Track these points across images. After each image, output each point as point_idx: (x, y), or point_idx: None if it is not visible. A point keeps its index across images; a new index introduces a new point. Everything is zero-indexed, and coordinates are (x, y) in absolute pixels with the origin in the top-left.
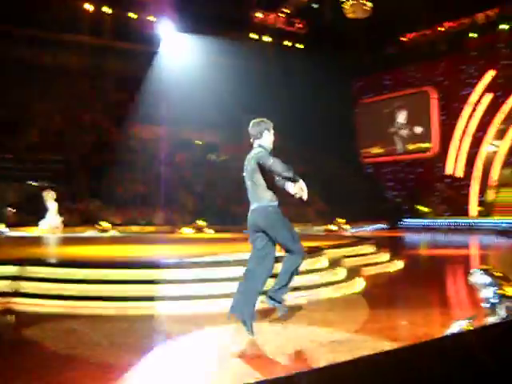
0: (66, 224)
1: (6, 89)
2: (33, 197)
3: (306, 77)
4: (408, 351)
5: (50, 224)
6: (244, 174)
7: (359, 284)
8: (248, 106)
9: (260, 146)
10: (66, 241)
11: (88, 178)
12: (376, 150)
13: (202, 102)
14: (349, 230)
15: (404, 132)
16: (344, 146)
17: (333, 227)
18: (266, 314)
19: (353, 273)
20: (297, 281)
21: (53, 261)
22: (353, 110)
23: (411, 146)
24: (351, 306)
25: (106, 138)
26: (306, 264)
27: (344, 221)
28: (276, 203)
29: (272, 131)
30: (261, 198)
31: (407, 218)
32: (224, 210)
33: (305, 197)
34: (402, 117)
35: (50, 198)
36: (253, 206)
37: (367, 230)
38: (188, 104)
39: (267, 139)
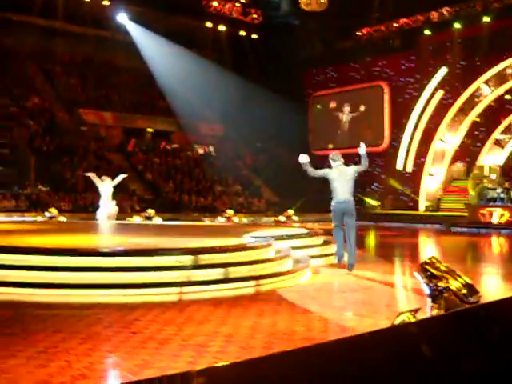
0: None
1: None
2: None
3: (259, 67)
4: (350, 342)
5: (108, 212)
6: (334, 177)
7: (304, 275)
8: (201, 94)
9: (341, 163)
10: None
11: (36, 163)
12: (326, 143)
13: (155, 89)
14: (298, 222)
15: (355, 126)
16: (296, 137)
17: (282, 218)
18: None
19: (299, 264)
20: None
21: None
22: (305, 102)
23: (362, 141)
24: (296, 298)
25: (54, 122)
26: (252, 254)
27: (293, 212)
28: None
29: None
30: (351, 194)
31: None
32: (174, 198)
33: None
34: (353, 111)
35: (104, 184)
36: (345, 198)
37: (316, 221)
38: (140, 91)
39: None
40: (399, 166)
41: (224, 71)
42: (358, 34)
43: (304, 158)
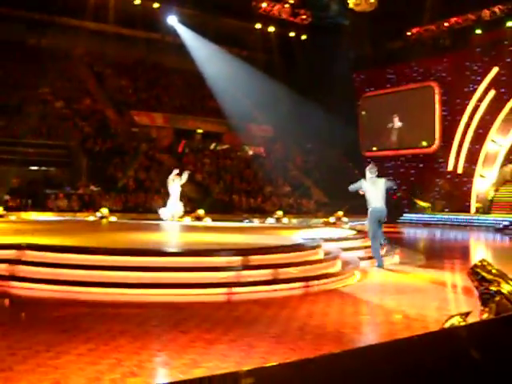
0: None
1: (8, 72)
2: (33, 181)
3: (308, 68)
4: (398, 345)
5: (172, 212)
6: (368, 188)
7: (353, 276)
8: (251, 95)
9: (376, 176)
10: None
11: (88, 164)
12: (377, 144)
13: (205, 90)
14: (347, 223)
15: (405, 127)
16: (346, 138)
17: (331, 219)
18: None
19: (348, 265)
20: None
21: (50, 246)
22: (355, 103)
23: (412, 142)
24: (345, 299)
25: (106, 123)
26: (302, 256)
27: (342, 213)
28: None
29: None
30: (383, 203)
31: (406, 212)
32: (224, 199)
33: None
34: (403, 112)
35: (174, 182)
36: (380, 206)
37: (365, 223)
38: (190, 92)
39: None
40: (450, 167)
41: (273, 72)
42: (408, 33)
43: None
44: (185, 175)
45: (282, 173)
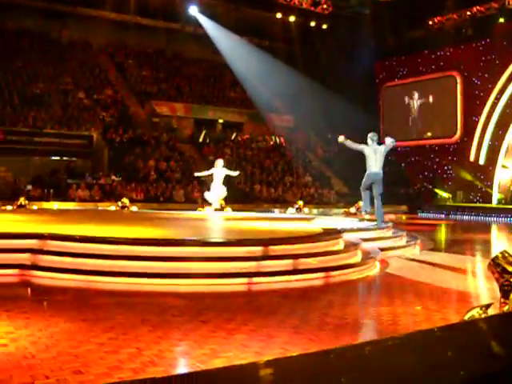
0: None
1: (29, 63)
2: (53, 172)
3: (329, 57)
4: (418, 337)
5: (218, 195)
6: (369, 153)
7: (374, 267)
8: (272, 85)
9: (377, 143)
10: (87, 214)
11: (109, 154)
12: (398, 134)
13: (225, 80)
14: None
15: (427, 117)
16: (367, 129)
17: (352, 210)
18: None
19: (368, 256)
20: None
21: (71, 235)
22: (376, 93)
23: (433, 132)
24: (365, 290)
25: (127, 113)
26: (322, 246)
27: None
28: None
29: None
30: (381, 168)
31: (428, 203)
32: (245, 189)
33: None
34: (424, 101)
35: (217, 167)
36: (376, 171)
37: (386, 213)
38: (211, 82)
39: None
40: (472, 157)
41: (294, 62)
42: (429, 23)
43: (341, 138)
44: (234, 173)
45: (302, 163)
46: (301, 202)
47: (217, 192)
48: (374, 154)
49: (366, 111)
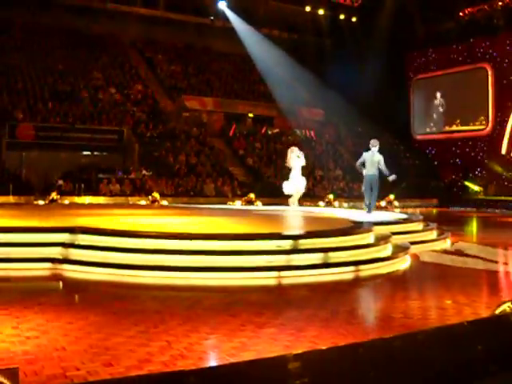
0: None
1: (59, 59)
2: (84, 167)
3: (359, 50)
4: (448, 331)
5: (296, 187)
6: (367, 158)
7: (405, 261)
8: (301, 79)
9: (378, 151)
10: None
11: (139, 148)
12: (428, 127)
13: (255, 74)
14: (398, 207)
15: (457, 110)
16: (397, 121)
17: (382, 203)
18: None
19: (399, 250)
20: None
21: (102, 229)
22: (406, 86)
23: (464, 125)
24: (395, 284)
25: (157, 108)
26: (352, 240)
27: (394, 197)
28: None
29: (378, 145)
30: (376, 171)
31: (458, 196)
32: (275, 183)
33: (392, 178)
34: (455, 94)
35: (294, 156)
36: (371, 173)
37: (417, 207)
38: (241, 76)
39: (377, 148)
40: (503, 150)
41: (323, 55)
42: (460, 14)
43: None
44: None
45: (333, 156)
46: (331, 196)
47: (296, 183)
48: (371, 159)
49: (397, 104)
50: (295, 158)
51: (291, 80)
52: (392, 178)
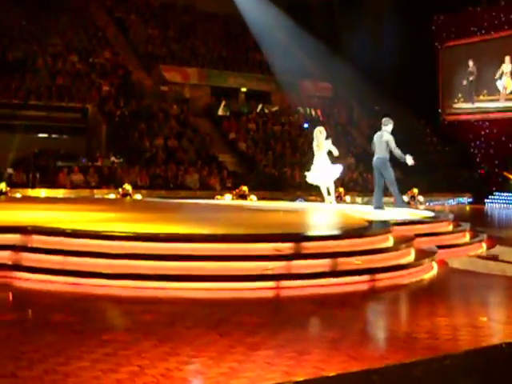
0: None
1: (12, 22)
2: (39, 152)
3: (378, 10)
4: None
5: (324, 176)
6: (375, 138)
7: (430, 269)
8: (306, 46)
9: (387, 131)
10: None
11: (107, 130)
12: (462, 106)
13: (249, 40)
14: (424, 203)
15: (500, 84)
16: (422, 98)
17: (404, 198)
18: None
19: (423, 255)
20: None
21: (61, 230)
22: (435, 54)
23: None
24: (419, 297)
25: (129, 81)
26: (367, 243)
27: (418, 191)
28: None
29: (392, 125)
30: (383, 154)
31: (497, 190)
32: (273, 173)
33: (410, 162)
34: (494, 65)
35: (321, 138)
36: (376, 157)
37: (447, 203)
38: (232, 42)
39: (390, 128)
40: None
41: (332, 16)
42: None
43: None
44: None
45: (344, 141)
46: (341, 189)
47: (324, 171)
48: (379, 141)
49: (423, 77)
50: (325, 141)
51: (292, 47)
52: (410, 160)
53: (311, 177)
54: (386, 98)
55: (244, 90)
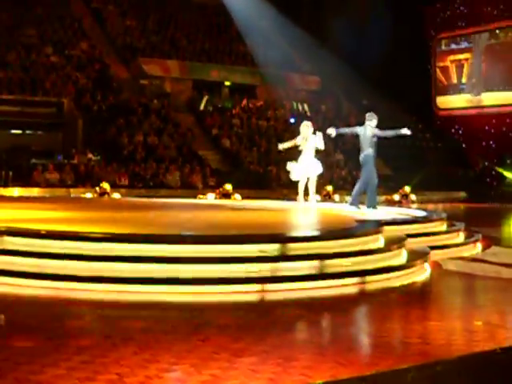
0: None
1: None
2: (13, 149)
3: (366, 2)
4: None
5: (307, 171)
6: (360, 133)
7: (423, 271)
8: (292, 37)
9: (370, 126)
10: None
11: (84, 126)
12: (454, 100)
13: (233, 31)
14: (416, 202)
15: (493, 78)
16: (415, 93)
17: (395, 197)
18: None
19: (416, 257)
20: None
21: (35, 231)
22: (426, 47)
23: (500, 97)
24: (411, 300)
25: (107, 74)
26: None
27: (410, 189)
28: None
29: (376, 120)
30: (366, 150)
31: (493, 187)
32: (258, 171)
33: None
34: (492, 57)
35: (307, 133)
36: (363, 153)
37: (440, 201)
38: (215, 35)
39: (374, 124)
40: None
41: (320, 7)
42: None
43: (332, 131)
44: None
45: (331, 137)
46: (330, 188)
47: (307, 166)
48: (364, 136)
49: (414, 70)
50: (313, 137)
51: (278, 38)
52: (406, 130)
53: (293, 170)
54: (376, 91)
55: (228, 83)
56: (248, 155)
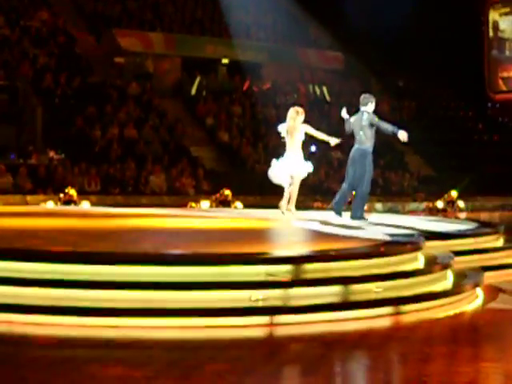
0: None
1: None
2: None
3: None
4: None
5: (292, 171)
6: (352, 123)
7: (474, 298)
8: (306, 4)
9: (366, 111)
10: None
11: (44, 116)
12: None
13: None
14: (465, 210)
15: None
16: (462, 71)
17: (439, 204)
18: None
19: (465, 280)
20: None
21: None
22: (478, 18)
23: None
24: (459, 335)
25: (73, 50)
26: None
27: (457, 194)
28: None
29: (374, 103)
30: (361, 143)
31: None
32: (264, 172)
33: (403, 138)
34: None
35: (297, 121)
36: (355, 146)
37: (495, 209)
38: (211, 1)
39: (371, 108)
40: None
41: None
42: None
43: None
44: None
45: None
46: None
47: (293, 164)
48: (359, 124)
49: (462, 46)
50: (301, 126)
51: (290, 5)
52: (402, 135)
53: (275, 170)
54: (414, 71)
55: (225, 61)
56: (252, 152)
